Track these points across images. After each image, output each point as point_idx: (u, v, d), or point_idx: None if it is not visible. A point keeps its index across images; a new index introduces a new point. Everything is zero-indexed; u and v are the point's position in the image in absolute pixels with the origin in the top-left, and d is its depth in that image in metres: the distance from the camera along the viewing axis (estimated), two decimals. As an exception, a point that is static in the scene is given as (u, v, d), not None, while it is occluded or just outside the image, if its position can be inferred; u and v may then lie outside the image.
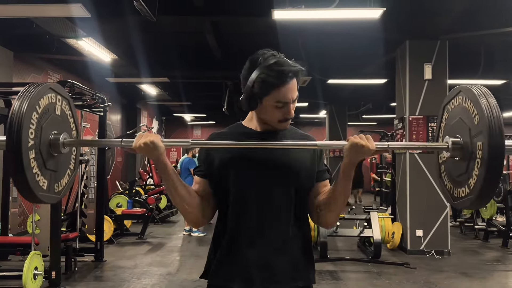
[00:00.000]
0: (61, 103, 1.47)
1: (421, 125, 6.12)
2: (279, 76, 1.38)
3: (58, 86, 1.47)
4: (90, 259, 5.59)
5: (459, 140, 1.38)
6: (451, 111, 1.48)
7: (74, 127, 1.56)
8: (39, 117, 1.33)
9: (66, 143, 1.43)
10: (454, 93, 1.46)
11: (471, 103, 1.34)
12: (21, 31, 5.86)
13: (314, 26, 5.79)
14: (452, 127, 1.46)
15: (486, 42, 6.80)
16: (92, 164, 5.75)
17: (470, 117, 1.34)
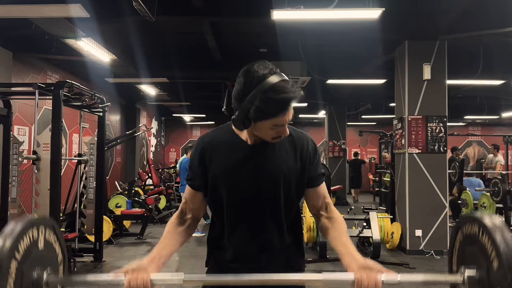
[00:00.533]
0: (44, 233, 1.38)
1: (420, 126, 6.12)
2: (278, 107, 1.34)
3: (40, 218, 1.39)
4: (89, 259, 5.58)
5: (474, 276, 1.31)
6: (466, 236, 1.39)
7: (60, 252, 1.47)
8: (19, 265, 1.25)
9: (50, 283, 1.34)
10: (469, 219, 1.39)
11: (491, 243, 1.25)
12: (20, 32, 5.86)
13: (313, 26, 5.80)
14: (467, 254, 1.38)
15: (484, 42, 6.81)
16: (91, 165, 5.74)
17: (488, 255, 1.25)
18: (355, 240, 6.59)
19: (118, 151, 12.02)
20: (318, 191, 1.58)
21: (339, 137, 12.65)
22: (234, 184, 1.48)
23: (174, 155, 17.43)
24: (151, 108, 14.39)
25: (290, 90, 1.34)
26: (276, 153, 1.50)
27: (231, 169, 1.48)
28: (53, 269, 1.38)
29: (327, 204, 1.59)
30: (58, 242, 1.46)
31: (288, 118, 1.39)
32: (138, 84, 9.42)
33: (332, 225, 1.57)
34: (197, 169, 1.52)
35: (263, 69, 1.35)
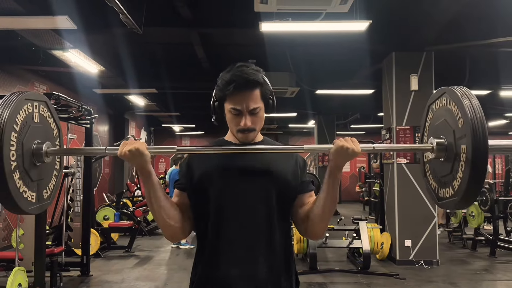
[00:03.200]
0: (38, 108, 1.45)
1: (408, 136, 6.16)
2: (228, 81, 1.44)
3: (33, 93, 1.45)
4: (76, 273, 5.48)
5: (443, 141, 1.40)
6: (436, 112, 1.49)
7: (55, 126, 1.56)
8: (18, 135, 1.32)
9: (49, 152, 1.44)
10: (439, 94, 1.48)
11: (455, 105, 1.35)
12: (6, 43, 5.79)
13: (301, 38, 5.83)
14: (436, 127, 1.47)
15: (471, 53, 6.91)
16: (78, 177, 5.66)
17: (454, 119, 1.35)
18: (345, 251, 6.58)
19: (106, 162, 11.91)
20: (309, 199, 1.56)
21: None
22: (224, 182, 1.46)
23: (164, 165, 17.31)
24: (140, 119, 14.31)
25: (242, 70, 1.44)
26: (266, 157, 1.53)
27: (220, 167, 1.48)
28: (50, 142, 1.47)
29: None
30: (52, 117, 1.53)
31: (246, 105, 1.44)
32: (127, 94, 9.37)
33: None
34: (185, 171, 1.53)
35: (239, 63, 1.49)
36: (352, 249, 6.33)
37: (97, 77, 7.63)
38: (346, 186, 16.91)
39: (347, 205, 14.67)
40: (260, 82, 1.46)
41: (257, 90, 1.46)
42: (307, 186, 1.56)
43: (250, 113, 1.46)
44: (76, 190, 5.69)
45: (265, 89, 1.48)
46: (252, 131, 1.48)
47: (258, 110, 1.47)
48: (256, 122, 1.48)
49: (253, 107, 1.45)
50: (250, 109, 1.45)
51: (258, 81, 1.46)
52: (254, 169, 1.49)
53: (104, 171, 11.78)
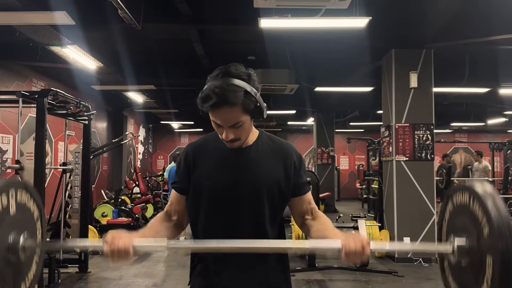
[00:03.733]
0: (15, 196, 1.29)
1: (407, 133, 6.15)
2: (204, 99, 1.36)
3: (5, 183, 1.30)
4: (74, 270, 5.47)
5: (465, 244, 1.26)
6: (456, 206, 1.34)
7: (35, 208, 1.39)
8: None
9: (27, 247, 1.29)
10: (460, 188, 1.35)
11: (480, 208, 1.21)
12: (3, 39, 5.76)
13: (301, 34, 5.80)
14: (457, 223, 1.33)
15: (470, 50, 6.90)
16: (76, 174, 5.64)
17: (479, 223, 1.21)
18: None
19: (105, 159, 11.88)
20: (304, 199, 1.56)
21: (327, 144, 12.67)
22: (216, 187, 1.46)
23: (162, 162, 17.30)
24: (139, 116, 14.29)
25: (221, 86, 1.33)
26: (259, 158, 1.49)
27: (213, 172, 1.47)
28: (29, 231, 1.32)
29: (312, 208, 1.58)
30: (32, 199, 1.38)
31: (224, 122, 1.38)
32: (125, 91, 9.34)
33: (316, 220, 1.54)
34: (182, 173, 1.52)
35: (219, 69, 1.39)
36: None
37: (96, 74, 7.61)
38: (345, 184, 16.92)
39: (346, 202, 14.69)
40: (238, 102, 1.34)
41: (236, 107, 1.36)
42: (302, 189, 1.55)
43: (231, 127, 1.40)
44: (74, 187, 5.67)
45: (248, 102, 1.36)
46: (236, 141, 1.43)
47: (240, 124, 1.39)
48: (239, 133, 1.42)
49: (234, 123, 1.38)
50: (230, 125, 1.39)
51: (236, 102, 1.34)
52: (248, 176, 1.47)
53: (103, 168, 11.76)
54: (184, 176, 1.52)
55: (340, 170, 16.58)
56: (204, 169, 1.48)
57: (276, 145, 1.55)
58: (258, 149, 1.51)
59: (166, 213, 1.56)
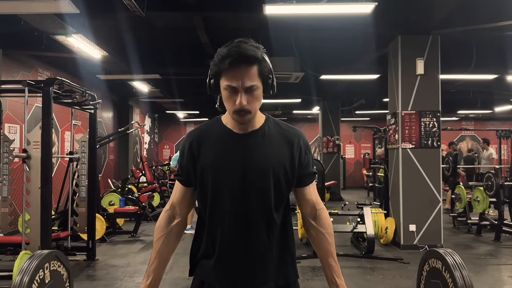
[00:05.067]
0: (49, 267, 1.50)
1: (413, 120, 6.12)
2: (222, 58, 1.36)
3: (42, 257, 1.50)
4: (82, 258, 5.54)
5: None
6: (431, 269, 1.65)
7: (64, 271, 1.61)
8: None
9: None
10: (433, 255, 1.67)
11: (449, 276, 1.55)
12: (8, 28, 5.77)
13: (306, 21, 5.76)
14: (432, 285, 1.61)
15: (478, 36, 6.81)
16: (83, 162, 5.68)
17: None
18: (349, 236, 6.60)
19: (111, 148, 11.94)
20: (307, 195, 1.54)
21: (333, 132, 12.65)
22: (222, 174, 1.43)
23: (168, 152, 17.36)
24: (144, 105, 14.31)
25: (240, 45, 1.36)
26: (265, 143, 1.46)
27: (218, 158, 1.45)
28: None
29: (316, 212, 1.56)
30: (62, 264, 1.56)
31: (242, 82, 1.36)
32: (130, 80, 9.35)
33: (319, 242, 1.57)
34: (186, 163, 1.49)
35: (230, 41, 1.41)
36: (356, 234, 6.34)
37: (101, 63, 7.61)
38: (350, 172, 16.91)
39: (351, 191, 14.70)
40: (258, 58, 1.38)
41: (254, 66, 1.37)
42: (307, 180, 1.54)
43: (246, 91, 1.38)
44: (81, 176, 5.71)
45: (264, 66, 1.39)
46: (247, 112, 1.40)
47: (255, 88, 1.39)
48: (252, 101, 1.40)
49: (249, 85, 1.37)
50: (246, 87, 1.37)
51: (256, 57, 1.37)
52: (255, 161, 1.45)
53: (109, 157, 11.82)
54: (188, 165, 1.48)
55: (346, 159, 16.56)
56: (210, 155, 1.45)
57: (283, 130, 1.52)
58: (265, 133, 1.48)
59: (168, 217, 1.55)
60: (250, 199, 1.44)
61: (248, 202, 1.44)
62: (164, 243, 1.54)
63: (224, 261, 1.46)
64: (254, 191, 1.44)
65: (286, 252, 1.52)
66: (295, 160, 1.48)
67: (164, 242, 1.54)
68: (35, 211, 4.52)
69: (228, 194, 1.44)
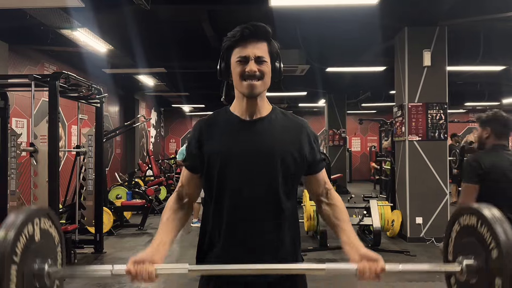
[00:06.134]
0: (40, 223, 1.33)
1: (420, 113, 6.08)
2: (235, 31, 1.45)
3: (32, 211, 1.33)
4: (89, 251, 5.58)
5: (473, 263, 1.31)
6: (463, 227, 1.39)
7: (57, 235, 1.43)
8: (18, 266, 1.21)
9: (52, 274, 1.32)
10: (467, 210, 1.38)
11: (489, 232, 1.26)
12: (15, 23, 5.78)
13: (311, 13, 5.73)
14: (464, 244, 1.37)
15: (485, 27, 6.73)
16: (90, 156, 5.71)
17: (486, 245, 1.26)
18: (355, 228, 6.59)
19: (118, 142, 11.99)
20: (318, 178, 1.57)
21: (339, 125, 12.60)
22: (229, 159, 1.45)
23: (174, 145, 17.41)
24: (150, 99, 14.33)
25: (251, 23, 1.44)
26: (272, 130, 1.48)
27: (226, 144, 1.46)
28: (52, 258, 1.37)
29: (327, 190, 1.58)
30: (53, 225, 1.43)
31: (253, 52, 1.43)
32: (136, 74, 9.36)
33: (333, 213, 1.55)
34: (194, 149, 1.51)
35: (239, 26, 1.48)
36: (363, 227, 6.34)
37: (106, 57, 7.62)
38: (356, 165, 16.86)
39: (357, 184, 14.67)
40: (269, 33, 1.46)
41: (264, 43, 1.46)
42: (317, 166, 1.55)
43: (256, 61, 1.43)
44: (88, 169, 5.75)
45: (273, 46, 1.48)
46: (258, 78, 1.43)
47: (265, 60, 1.44)
48: (262, 70, 1.44)
49: (260, 55, 1.43)
50: (256, 56, 1.43)
51: (267, 32, 1.46)
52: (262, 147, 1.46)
53: (116, 151, 11.87)
54: (196, 151, 1.49)
55: (352, 152, 16.51)
56: (217, 140, 1.47)
57: (290, 120, 1.55)
58: (272, 121, 1.51)
59: (177, 197, 1.56)
60: (258, 184, 1.44)
61: (255, 187, 1.44)
62: (172, 216, 1.52)
63: (230, 246, 1.47)
64: (261, 176, 1.45)
65: (292, 240, 1.53)
66: (304, 148, 1.50)
67: (172, 215, 1.52)
68: (43, 204, 4.56)
69: (235, 179, 1.45)
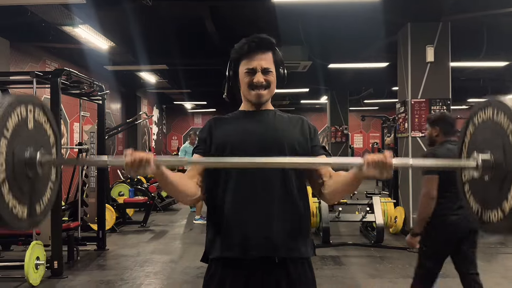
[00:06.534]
0: (33, 112, 1.30)
1: (423, 109, 6.05)
2: (242, 44, 1.56)
3: (27, 96, 1.31)
4: (92, 248, 5.58)
5: (489, 157, 1.23)
6: (478, 125, 1.32)
7: (51, 133, 1.40)
8: (8, 142, 1.16)
9: (43, 162, 1.28)
10: (482, 105, 1.31)
11: (506, 117, 1.19)
12: (16, 20, 5.77)
13: (313, 8, 5.70)
14: (479, 142, 1.30)
15: (489, 23, 6.69)
16: (92, 153, 5.71)
17: (504, 133, 1.18)
18: (358, 225, 6.58)
19: (120, 139, 12.00)
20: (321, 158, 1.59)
21: (341, 122, 12.57)
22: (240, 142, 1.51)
23: (176, 142, 17.41)
24: (152, 96, 14.32)
25: (256, 35, 1.56)
26: (276, 121, 1.59)
27: (234, 132, 1.54)
28: (46, 150, 1.33)
29: (331, 172, 1.57)
30: (49, 123, 1.39)
31: (259, 64, 1.53)
32: (138, 71, 9.35)
33: (332, 177, 1.54)
34: (206, 137, 1.57)
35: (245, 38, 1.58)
36: (365, 223, 6.32)
37: (108, 54, 7.60)
38: (359, 162, 16.83)
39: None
40: (273, 44, 1.57)
41: (269, 53, 1.56)
42: (318, 150, 1.59)
43: (263, 72, 1.54)
44: (90, 166, 5.74)
45: (277, 56, 1.59)
46: (265, 87, 1.55)
47: (271, 71, 1.55)
48: (269, 80, 1.55)
49: (266, 66, 1.54)
50: (263, 67, 1.54)
51: (271, 43, 1.57)
52: (269, 135, 1.54)
53: (118, 148, 11.88)
54: (207, 139, 1.56)
55: (354, 148, 16.49)
56: (226, 129, 1.56)
57: (291, 116, 1.65)
58: (275, 113, 1.62)
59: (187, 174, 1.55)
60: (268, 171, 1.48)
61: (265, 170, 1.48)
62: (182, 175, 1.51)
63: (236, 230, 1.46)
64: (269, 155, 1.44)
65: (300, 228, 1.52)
66: (306, 137, 1.58)
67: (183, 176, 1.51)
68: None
69: None
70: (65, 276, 4.42)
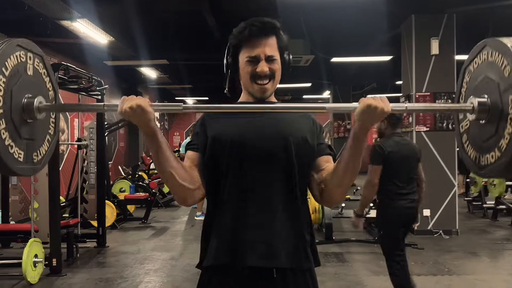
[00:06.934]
0: (33, 61, 1.30)
1: (428, 103, 5.95)
2: (242, 28, 1.37)
3: (28, 41, 1.29)
4: (92, 245, 5.52)
5: (485, 100, 1.23)
6: (474, 72, 1.32)
7: (50, 86, 1.39)
8: (7, 81, 1.16)
9: (41, 108, 1.27)
10: (478, 49, 1.29)
11: (500, 54, 1.17)
12: (13, 14, 5.68)
13: (316, 0, 5.59)
14: (474, 89, 1.29)
15: (495, 14, 6.56)
16: (92, 149, 5.64)
17: (499, 70, 1.17)
18: (361, 221, 6.49)
19: (122, 135, 11.94)
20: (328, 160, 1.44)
21: (344, 117, 12.48)
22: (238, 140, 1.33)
23: (178, 139, 17.36)
24: (153, 92, 14.25)
25: (257, 18, 1.38)
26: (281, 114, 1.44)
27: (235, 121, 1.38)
28: (44, 98, 1.31)
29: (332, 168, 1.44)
30: (48, 76, 1.38)
31: (263, 51, 1.35)
32: (138, 66, 9.27)
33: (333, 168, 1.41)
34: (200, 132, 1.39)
35: None
36: (369, 220, 6.22)
37: (108, 49, 7.52)
38: (362, 156, 16.74)
39: (363, 176, 14.46)
40: (277, 27, 1.38)
41: (273, 37, 1.38)
42: (323, 149, 1.44)
43: (267, 60, 1.36)
44: (90, 163, 5.68)
45: (282, 40, 1.40)
46: (269, 78, 1.36)
47: (275, 58, 1.37)
48: (273, 69, 1.37)
49: (270, 53, 1.36)
50: (267, 55, 1.35)
51: (275, 26, 1.38)
52: (272, 128, 1.37)
53: (119, 144, 11.82)
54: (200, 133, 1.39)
55: (357, 144, 16.38)
56: (225, 121, 1.39)
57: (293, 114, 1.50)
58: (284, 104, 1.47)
59: None
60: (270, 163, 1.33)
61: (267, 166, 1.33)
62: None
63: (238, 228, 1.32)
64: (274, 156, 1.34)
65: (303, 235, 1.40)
66: (313, 133, 1.42)
67: None
68: (43, 198, 4.49)
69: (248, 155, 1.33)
70: (64, 274, 4.36)
